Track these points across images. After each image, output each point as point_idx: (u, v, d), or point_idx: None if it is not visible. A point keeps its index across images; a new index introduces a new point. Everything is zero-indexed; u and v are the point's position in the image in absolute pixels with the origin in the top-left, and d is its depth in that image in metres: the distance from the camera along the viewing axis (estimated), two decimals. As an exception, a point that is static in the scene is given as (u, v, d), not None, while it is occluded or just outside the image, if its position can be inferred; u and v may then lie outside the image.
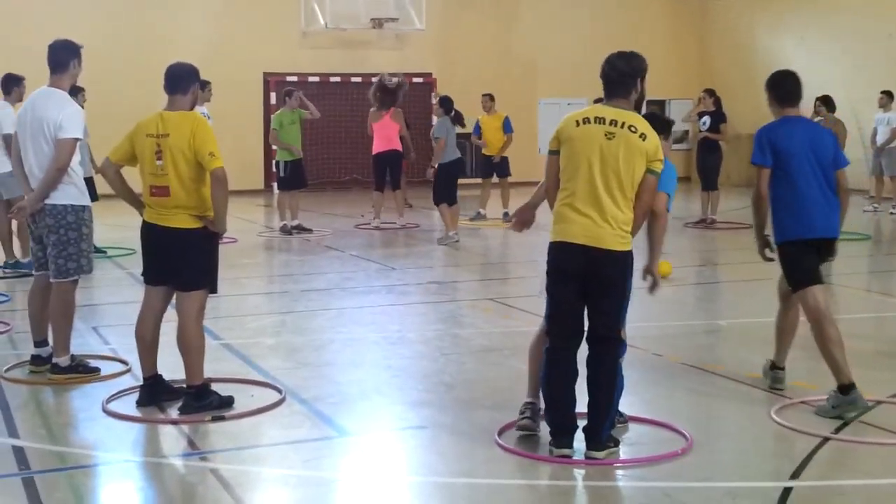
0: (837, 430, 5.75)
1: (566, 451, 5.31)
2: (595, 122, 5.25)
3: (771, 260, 6.37)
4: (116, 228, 13.36)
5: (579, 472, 5.23)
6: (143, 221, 6.25)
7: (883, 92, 17.47)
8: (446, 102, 14.02)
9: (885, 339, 8.60)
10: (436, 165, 13.64)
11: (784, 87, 6.38)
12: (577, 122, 5.30)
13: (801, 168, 6.13)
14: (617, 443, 5.43)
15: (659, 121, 5.71)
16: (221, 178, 6.02)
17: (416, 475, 5.31)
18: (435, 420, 6.05)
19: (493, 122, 16.09)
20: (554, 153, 5.40)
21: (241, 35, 21.70)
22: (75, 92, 11.50)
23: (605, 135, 5.21)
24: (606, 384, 5.31)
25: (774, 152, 6.16)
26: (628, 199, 5.24)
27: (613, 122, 5.22)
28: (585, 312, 5.34)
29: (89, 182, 10.81)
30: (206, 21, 21.45)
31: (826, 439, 5.60)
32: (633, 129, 5.22)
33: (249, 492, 5.06)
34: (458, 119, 14.01)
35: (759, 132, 6.28)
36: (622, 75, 5.34)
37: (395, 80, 14.80)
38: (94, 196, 11.38)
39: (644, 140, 5.21)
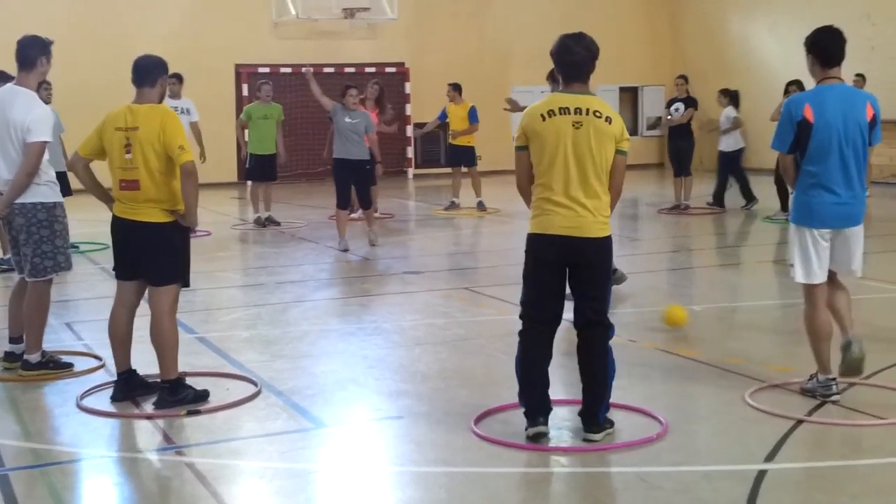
0: (811, 413, 5.80)
1: (541, 429, 5.34)
2: (560, 112, 5.23)
3: None
4: (89, 223, 13.25)
5: (555, 459, 5.25)
6: (113, 216, 6.20)
7: (857, 75, 17.53)
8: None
9: (859, 321, 8.62)
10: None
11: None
12: (543, 115, 5.27)
13: None
14: (612, 424, 5.50)
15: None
16: (191, 171, 5.98)
17: (394, 465, 5.31)
18: (411, 409, 6.06)
19: (460, 111, 16.00)
20: (522, 149, 5.39)
21: (212, 26, 21.58)
22: (38, 86, 11.39)
23: (573, 125, 5.21)
24: (600, 367, 5.39)
25: None
26: (604, 183, 5.28)
27: (578, 111, 5.21)
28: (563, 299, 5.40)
29: (63, 177, 10.74)
30: (178, 12, 21.31)
31: (800, 421, 5.65)
32: (598, 114, 5.23)
33: (226, 485, 5.04)
34: None
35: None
36: (584, 60, 5.28)
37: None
38: (67, 191, 11.32)
39: (610, 123, 5.24)
